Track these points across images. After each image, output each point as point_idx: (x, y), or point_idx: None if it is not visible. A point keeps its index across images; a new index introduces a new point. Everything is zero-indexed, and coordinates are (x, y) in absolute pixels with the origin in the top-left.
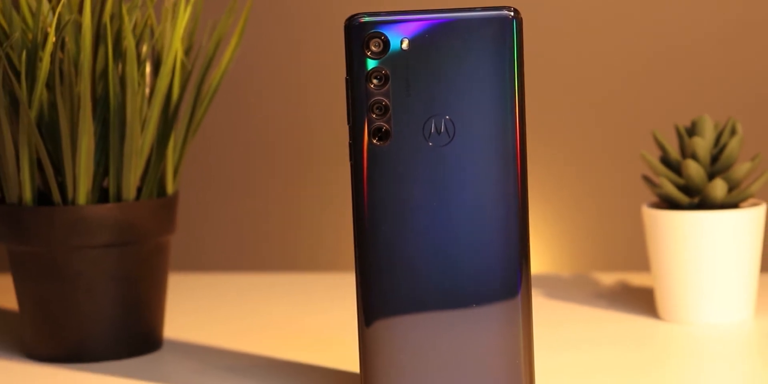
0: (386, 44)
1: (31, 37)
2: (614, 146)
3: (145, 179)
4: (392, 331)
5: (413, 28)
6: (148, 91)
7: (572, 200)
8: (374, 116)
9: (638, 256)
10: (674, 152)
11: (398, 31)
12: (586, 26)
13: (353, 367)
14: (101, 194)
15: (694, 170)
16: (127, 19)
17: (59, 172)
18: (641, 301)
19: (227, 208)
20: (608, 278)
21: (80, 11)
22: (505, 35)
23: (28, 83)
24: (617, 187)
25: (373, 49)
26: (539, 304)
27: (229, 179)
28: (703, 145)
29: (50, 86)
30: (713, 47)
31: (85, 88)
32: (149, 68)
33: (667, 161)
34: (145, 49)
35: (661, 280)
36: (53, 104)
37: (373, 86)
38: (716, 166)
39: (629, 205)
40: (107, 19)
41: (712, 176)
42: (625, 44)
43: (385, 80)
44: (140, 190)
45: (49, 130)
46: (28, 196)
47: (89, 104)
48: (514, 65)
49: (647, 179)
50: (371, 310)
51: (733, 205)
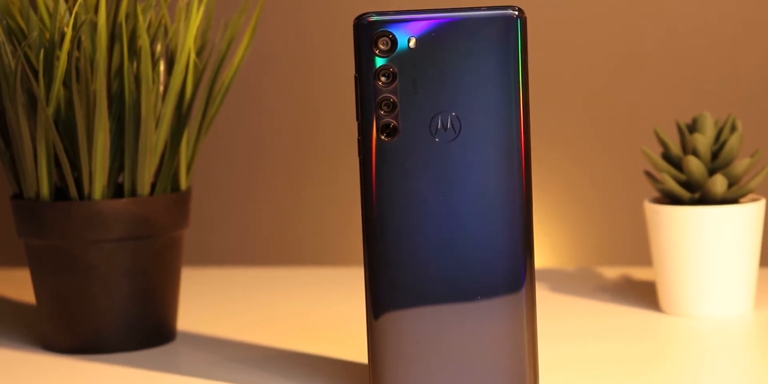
0: (394, 43)
1: (48, 36)
2: (617, 143)
3: (159, 175)
4: (399, 323)
5: (420, 27)
6: (162, 88)
7: (576, 196)
8: (382, 113)
9: (641, 250)
10: (675, 148)
11: (406, 30)
12: (588, 25)
13: (362, 358)
14: (116, 189)
15: (694, 166)
16: (141, 18)
17: (76, 167)
18: (643, 294)
19: (239, 203)
20: (611, 272)
21: (96, 11)
22: (509, 34)
23: (45, 81)
24: (620, 182)
25: (381, 47)
26: (544, 297)
27: (241, 175)
28: (703, 141)
29: (67, 84)
30: (714, 47)
31: (100, 85)
32: (163, 66)
33: (668, 157)
34: (159, 47)
35: (662, 273)
36: (70, 102)
37: (381, 84)
38: (716, 162)
39: (631, 200)
40: (122, 18)
41: (712, 172)
42: (627, 43)
43: (392, 78)
44: (154, 185)
45: (65, 127)
46: (45, 191)
47: (105, 102)
48: (518, 63)
49: (649, 175)
50: (379, 302)
51: (733, 200)
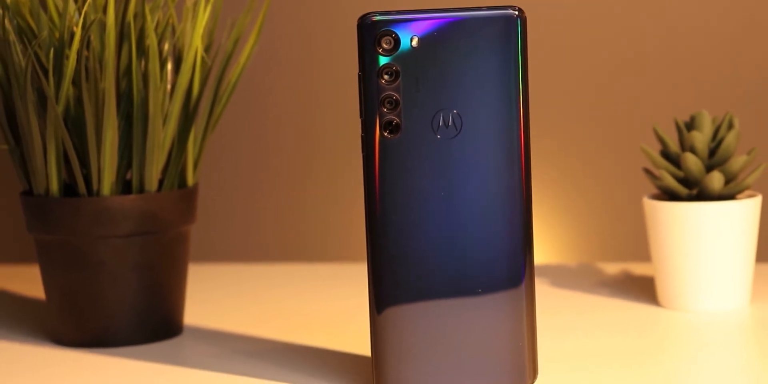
0: (397, 42)
1: (58, 35)
2: (616, 140)
3: (166, 171)
4: (402, 317)
5: (422, 26)
6: (169, 87)
7: (577, 193)
8: (385, 110)
9: (640, 246)
10: (674, 146)
11: (408, 29)
12: (588, 25)
13: (365, 351)
14: (124, 186)
15: (692, 163)
16: (149, 18)
17: (84, 164)
18: (643, 289)
19: (244, 200)
20: (611, 268)
21: (105, 11)
22: (510, 33)
23: (55, 80)
24: (619, 179)
25: (384, 46)
26: (545, 292)
27: (246, 172)
28: (701, 139)
29: (76, 83)
30: (712, 46)
31: (109, 84)
32: (171, 65)
33: (666, 154)
34: (166, 46)
35: (661, 269)
36: (79, 100)
37: (384, 82)
38: (714, 159)
39: (631, 197)
40: (131, 18)
41: (709, 169)
42: (627, 44)
43: (395, 76)
44: (162, 182)
45: (75, 124)
46: (54, 187)
47: (113, 100)
48: (518, 61)
49: (648, 172)
50: (382, 297)
51: (729, 196)
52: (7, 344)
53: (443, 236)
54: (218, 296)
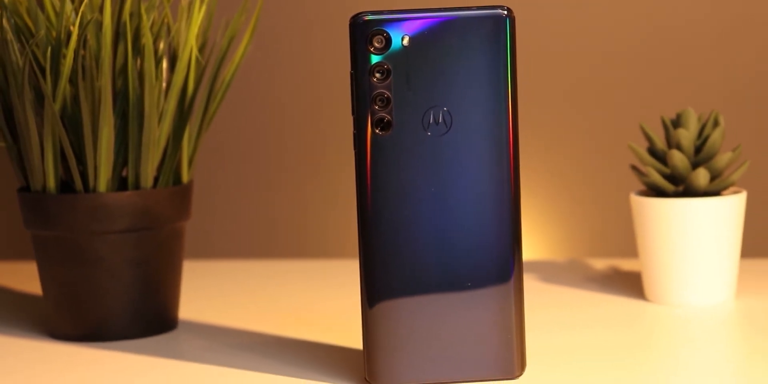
0: (388, 41)
1: (55, 35)
2: (604, 138)
3: (161, 168)
4: (393, 311)
5: (413, 25)
6: (164, 85)
7: (565, 190)
8: (377, 108)
9: (628, 242)
10: (660, 143)
11: (399, 28)
12: (575, 24)
13: (357, 344)
14: (120, 183)
15: (678, 160)
16: (145, 17)
17: (81, 161)
18: (630, 284)
19: (239, 196)
20: (599, 263)
21: (101, 10)
22: (499, 32)
23: (52, 78)
24: (607, 176)
25: (375, 45)
26: (535, 287)
27: (241, 169)
28: (687, 136)
29: (73, 81)
30: (698, 45)
31: (105, 82)
32: (166, 64)
33: (653, 152)
34: (162, 45)
35: (648, 264)
36: (76, 98)
37: (375, 80)
38: (699, 156)
39: (619, 193)
40: (126, 17)
41: (695, 166)
42: (614, 42)
43: (387, 74)
44: (157, 178)
45: (71, 122)
46: (51, 184)
47: (109, 98)
48: (507, 60)
49: (635, 169)
50: (374, 291)
51: (715, 192)
52: (3, 339)
53: (434, 231)
54: (213, 292)
